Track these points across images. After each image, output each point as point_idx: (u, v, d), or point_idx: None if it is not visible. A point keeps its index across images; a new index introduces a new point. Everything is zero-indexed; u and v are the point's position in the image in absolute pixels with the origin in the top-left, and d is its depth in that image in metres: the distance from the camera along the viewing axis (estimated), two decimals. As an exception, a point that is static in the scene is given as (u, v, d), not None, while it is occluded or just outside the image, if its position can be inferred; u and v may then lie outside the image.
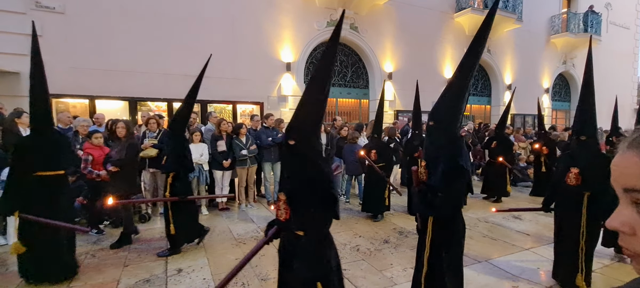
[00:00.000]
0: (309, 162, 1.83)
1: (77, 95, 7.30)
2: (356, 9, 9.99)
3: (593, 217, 2.89)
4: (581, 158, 2.93)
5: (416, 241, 4.30)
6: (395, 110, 11.00)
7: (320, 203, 1.81)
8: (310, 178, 1.82)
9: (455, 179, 2.20)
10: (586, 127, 2.94)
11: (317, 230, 1.86)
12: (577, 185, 2.90)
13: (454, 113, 2.27)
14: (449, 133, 2.26)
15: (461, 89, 2.25)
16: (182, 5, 8.03)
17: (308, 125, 1.84)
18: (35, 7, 6.76)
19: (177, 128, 3.96)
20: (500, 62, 13.30)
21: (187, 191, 3.99)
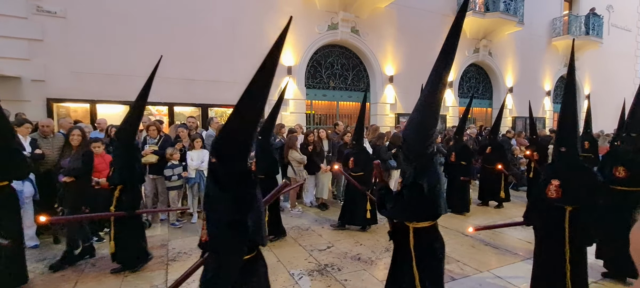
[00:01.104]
0: (224, 183, 1.68)
1: (77, 100, 7.30)
2: (357, 12, 9.97)
3: (578, 235, 2.68)
4: (562, 170, 2.76)
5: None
6: (396, 114, 10.98)
7: (228, 228, 1.65)
8: (220, 200, 1.69)
9: (414, 199, 2.17)
10: (566, 137, 2.76)
11: (231, 256, 1.69)
12: (558, 199, 2.72)
13: (422, 130, 2.21)
14: (416, 151, 2.22)
15: (429, 106, 2.17)
16: (182, 10, 8.02)
17: (231, 143, 1.69)
18: (37, 11, 6.75)
19: (124, 136, 3.60)
20: (502, 64, 13.26)
21: (135, 205, 3.62)
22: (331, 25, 9.81)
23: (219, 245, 1.69)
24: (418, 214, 2.25)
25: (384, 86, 10.71)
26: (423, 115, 2.18)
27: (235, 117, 1.67)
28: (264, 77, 1.67)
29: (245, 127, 1.70)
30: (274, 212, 4.69)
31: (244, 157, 1.75)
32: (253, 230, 1.68)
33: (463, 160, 6.08)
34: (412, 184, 2.16)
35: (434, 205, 2.22)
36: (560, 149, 2.75)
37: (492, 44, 12.80)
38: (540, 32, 14.13)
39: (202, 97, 8.21)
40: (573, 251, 2.67)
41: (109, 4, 7.33)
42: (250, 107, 1.67)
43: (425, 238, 2.27)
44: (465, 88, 12.82)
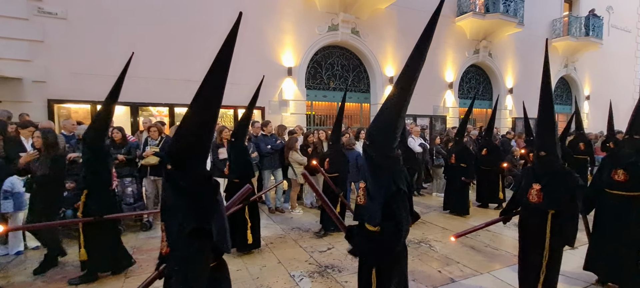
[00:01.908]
0: (183, 190, 1.61)
1: (78, 101, 7.31)
2: (357, 13, 9.99)
3: (556, 237, 2.64)
4: (542, 174, 2.70)
5: (418, 251, 4.32)
6: (396, 115, 10.99)
7: (192, 238, 1.55)
8: (180, 208, 1.60)
9: (398, 204, 2.05)
10: (545, 141, 2.68)
11: (197, 267, 1.59)
12: (540, 203, 2.67)
13: (390, 132, 2.11)
14: (384, 153, 2.11)
15: (398, 106, 2.10)
16: (182, 11, 8.04)
17: (187, 148, 1.61)
18: (38, 12, 6.77)
19: (91, 139, 3.32)
20: (502, 65, 13.28)
21: (104, 209, 3.33)
22: (331, 26, 9.83)
23: (183, 256, 1.57)
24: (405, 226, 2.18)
25: (384, 87, 10.72)
26: (394, 115, 2.09)
27: (190, 120, 1.59)
28: (217, 77, 1.61)
29: (200, 129, 1.62)
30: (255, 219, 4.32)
31: (202, 160, 1.67)
32: (217, 237, 1.60)
33: (463, 162, 6.08)
34: (398, 191, 2.06)
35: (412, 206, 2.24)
36: (540, 154, 2.70)
37: (492, 44, 12.82)
38: (540, 33, 14.15)
39: (203, 98, 8.22)
40: (551, 254, 2.66)
41: (109, 6, 7.35)
42: (205, 108, 1.60)
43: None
44: (465, 89, 12.84)
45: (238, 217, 4.08)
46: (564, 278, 3.57)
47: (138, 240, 4.71)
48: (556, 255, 2.68)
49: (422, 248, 4.46)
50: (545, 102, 2.68)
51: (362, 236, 2.22)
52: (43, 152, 3.69)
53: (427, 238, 4.86)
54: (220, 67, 1.62)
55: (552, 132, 2.67)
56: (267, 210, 6.24)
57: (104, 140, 3.46)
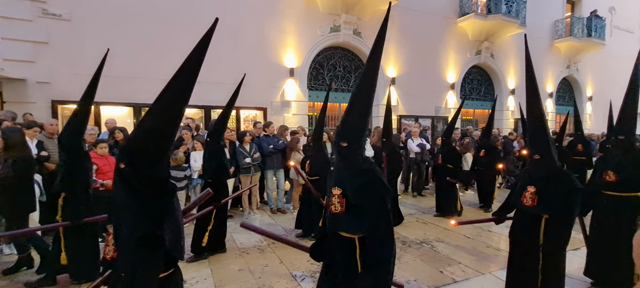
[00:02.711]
0: (136, 192, 1.52)
1: (82, 102, 7.35)
2: (359, 14, 10.01)
3: (550, 242, 2.57)
4: (537, 177, 2.63)
5: (420, 251, 4.32)
6: (398, 116, 10.99)
7: (142, 243, 1.45)
8: (131, 210, 1.51)
9: (387, 206, 1.99)
10: (539, 144, 2.60)
11: (145, 275, 1.48)
12: (534, 207, 2.59)
13: (362, 131, 2.07)
14: (360, 153, 2.06)
15: (366, 105, 2.06)
16: (184, 12, 8.08)
17: (146, 147, 1.52)
18: (42, 14, 6.83)
19: (68, 138, 3.13)
20: (504, 66, 13.27)
21: (80, 214, 3.20)
22: (333, 27, 9.86)
23: (132, 262, 1.48)
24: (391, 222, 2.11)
25: (386, 88, 10.70)
26: (365, 116, 2.06)
27: (151, 119, 1.50)
28: (186, 77, 1.56)
29: (162, 129, 1.53)
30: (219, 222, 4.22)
31: (159, 161, 1.57)
32: (170, 244, 1.50)
33: (450, 163, 6.00)
34: (388, 192, 2.02)
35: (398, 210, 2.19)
36: (534, 157, 2.63)
37: (494, 45, 12.81)
38: (542, 34, 14.13)
39: (206, 99, 8.25)
40: (546, 258, 2.57)
41: (113, 7, 7.40)
42: (168, 108, 1.52)
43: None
44: (467, 90, 12.82)
45: (202, 219, 4.00)
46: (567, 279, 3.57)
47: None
48: (553, 259, 2.60)
49: (423, 249, 4.46)
50: (533, 104, 2.62)
51: (338, 248, 2.07)
52: (2, 153, 3.51)
53: (428, 238, 4.86)
54: (190, 68, 1.56)
55: (544, 133, 2.58)
56: (268, 210, 6.26)
57: (80, 142, 3.29)
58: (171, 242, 1.51)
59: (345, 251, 2.05)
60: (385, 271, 1.99)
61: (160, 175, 1.57)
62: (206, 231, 4.04)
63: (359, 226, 1.99)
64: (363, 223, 1.97)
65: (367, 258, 1.99)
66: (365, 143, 2.11)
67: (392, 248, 1.99)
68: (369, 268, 1.98)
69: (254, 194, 6.11)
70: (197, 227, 4.13)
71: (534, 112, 2.62)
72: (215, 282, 3.49)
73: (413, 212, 6.38)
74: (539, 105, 2.60)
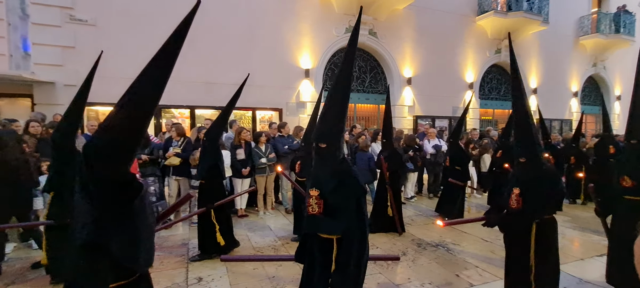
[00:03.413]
0: (91, 194, 1.41)
1: (105, 103, 7.64)
2: (375, 14, 9.96)
3: (543, 250, 2.51)
4: (522, 180, 2.60)
5: (436, 254, 4.26)
6: (414, 116, 10.86)
7: (83, 251, 1.35)
8: (82, 215, 1.39)
9: (364, 206, 2.03)
10: (524, 147, 2.55)
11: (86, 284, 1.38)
12: (518, 209, 2.56)
13: (341, 132, 2.09)
14: (339, 154, 2.06)
15: (343, 106, 2.08)
16: (202, 15, 8.23)
17: (109, 145, 1.38)
18: (70, 20, 7.16)
19: (58, 140, 3.10)
20: (525, 65, 12.86)
21: (66, 214, 3.07)
22: (349, 28, 9.84)
23: (74, 269, 1.40)
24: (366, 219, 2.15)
25: (402, 88, 10.62)
26: (342, 120, 2.07)
27: (116, 116, 1.36)
28: (159, 71, 1.43)
29: (130, 126, 1.39)
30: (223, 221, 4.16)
31: (121, 163, 1.41)
32: (121, 253, 1.37)
33: (458, 164, 5.83)
34: (364, 192, 2.08)
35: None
36: (520, 160, 2.58)
37: (515, 44, 12.44)
38: (566, 31, 13.62)
39: (223, 100, 8.34)
40: (538, 264, 2.52)
41: (134, 11, 7.67)
42: (140, 103, 1.39)
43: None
44: (486, 89, 12.52)
45: (205, 222, 4.03)
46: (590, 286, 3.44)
47: (159, 238, 4.87)
48: (548, 265, 2.56)
49: (439, 251, 4.39)
50: (518, 105, 2.55)
51: (320, 248, 2.09)
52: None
53: (444, 241, 4.77)
54: (165, 59, 1.43)
55: (529, 134, 2.53)
56: (283, 210, 6.31)
57: (72, 141, 3.24)
58: (122, 251, 1.37)
59: (323, 250, 2.08)
60: (355, 271, 1.99)
61: (119, 178, 1.40)
62: (215, 233, 4.02)
63: (336, 227, 2.00)
64: (340, 224, 1.98)
65: (338, 257, 2.01)
66: (343, 144, 2.10)
67: (363, 249, 1.98)
68: (338, 267, 2.00)
69: (268, 194, 6.18)
70: (203, 230, 4.10)
71: (518, 112, 2.56)
72: (230, 280, 3.55)
73: (428, 213, 6.28)
74: (524, 105, 2.53)
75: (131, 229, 1.41)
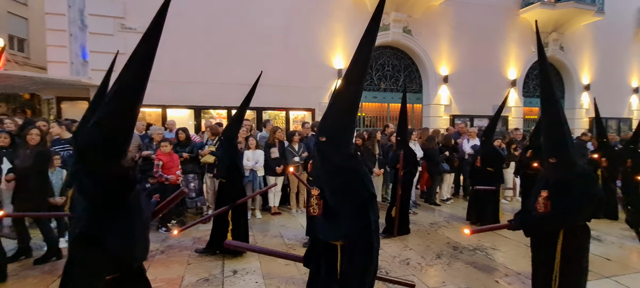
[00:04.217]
0: (84, 187, 1.45)
1: (151, 105, 8.22)
2: (410, 11, 9.74)
3: (569, 259, 2.27)
4: (551, 182, 2.36)
5: (473, 258, 4.08)
6: (451, 115, 10.46)
7: (74, 241, 1.41)
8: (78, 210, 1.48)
9: (370, 212, 1.75)
10: (555, 145, 2.30)
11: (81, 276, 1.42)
12: (546, 213, 2.32)
13: (344, 127, 1.82)
14: (344, 150, 1.82)
15: (354, 96, 1.83)
16: (238, 19, 8.56)
17: (93, 143, 1.38)
18: (121, 29, 7.78)
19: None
20: (576, 59, 11.89)
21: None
22: (382, 26, 9.70)
23: (71, 261, 1.44)
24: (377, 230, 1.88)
25: (437, 87, 10.28)
26: (351, 110, 1.84)
27: (107, 109, 1.38)
28: (138, 64, 1.42)
29: (118, 120, 1.39)
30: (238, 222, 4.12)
31: (113, 156, 1.40)
32: (116, 246, 1.39)
33: (490, 165, 5.32)
34: (370, 195, 1.79)
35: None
36: (549, 160, 2.32)
37: (564, 37, 11.56)
38: (625, 21, 12.40)
39: (257, 101, 8.63)
40: (563, 276, 2.30)
41: (177, 19, 8.12)
42: (119, 98, 1.38)
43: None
44: (531, 86, 11.74)
45: (220, 219, 4.03)
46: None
47: (198, 232, 5.13)
48: (570, 274, 2.31)
49: (477, 256, 4.20)
50: (548, 99, 2.30)
51: (324, 254, 1.91)
52: (33, 147, 3.86)
53: (483, 245, 4.55)
54: (144, 53, 1.42)
55: (560, 133, 2.28)
56: (316, 209, 6.37)
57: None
58: (117, 244, 1.39)
59: (327, 256, 1.89)
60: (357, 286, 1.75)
61: (112, 173, 1.40)
62: (227, 232, 4.04)
63: (335, 232, 1.81)
64: (339, 229, 1.78)
65: (341, 267, 1.80)
66: (349, 140, 1.87)
67: (367, 262, 1.73)
68: (341, 278, 1.80)
69: (301, 193, 6.27)
70: (215, 226, 4.17)
71: (548, 108, 2.31)
72: (263, 274, 3.66)
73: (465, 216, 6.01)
74: (555, 100, 2.28)
75: (126, 223, 1.43)
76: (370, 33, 1.84)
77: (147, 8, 7.87)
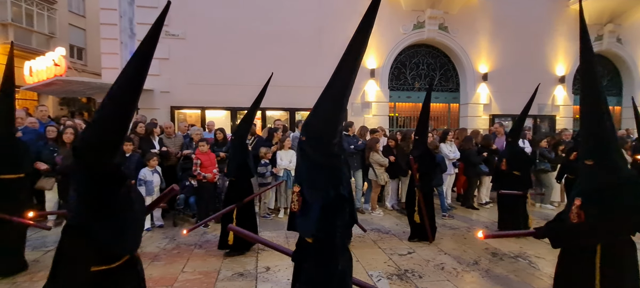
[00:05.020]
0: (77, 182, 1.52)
1: (192, 107, 8.69)
2: (446, 7, 9.40)
3: (610, 280, 1.92)
4: (588, 187, 2.06)
5: (514, 266, 3.86)
6: (490, 115, 9.96)
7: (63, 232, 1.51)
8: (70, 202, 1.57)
9: (336, 213, 1.73)
10: (594, 146, 2.03)
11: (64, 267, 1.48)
12: (580, 224, 2.03)
13: (331, 124, 1.80)
14: (325, 150, 1.79)
15: (340, 94, 1.78)
16: (272, 22, 8.77)
17: (87, 140, 1.49)
18: (165, 35, 8.30)
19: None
20: (636, 52, 10.80)
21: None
22: (417, 24, 9.48)
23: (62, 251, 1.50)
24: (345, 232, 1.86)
25: (476, 85, 9.83)
26: (335, 106, 1.80)
27: (103, 112, 1.45)
28: (134, 68, 1.47)
29: (111, 122, 1.45)
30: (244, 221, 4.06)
31: (106, 154, 1.46)
32: (107, 237, 1.45)
33: (517, 169, 4.91)
34: (337, 197, 1.76)
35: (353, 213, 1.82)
36: (586, 163, 2.02)
37: (622, 28, 10.53)
38: (698, 8, 11.02)
39: (290, 102, 8.86)
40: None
41: (218, 24, 8.54)
42: (115, 101, 1.44)
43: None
44: (582, 84, 10.83)
45: (226, 219, 4.03)
46: None
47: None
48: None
49: (519, 264, 3.96)
50: (588, 95, 2.02)
51: (299, 247, 1.95)
52: (70, 145, 4.13)
53: (525, 252, 4.28)
54: (139, 60, 1.47)
55: (601, 131, 2.00)
56: (347, 209, 6.36)
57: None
58: (106, 237, 1.46)
59: (307, 255, 1.88)
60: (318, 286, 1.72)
61: (107, 169, 1.48)
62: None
63: (307, 228, 1.81)
64: (311, 225, 1.78)
65: (304, 265, 1.79)
66: (330, 140, 1.83)
67: (330, 263, 1.70)
68: (302, 276, 1.80)
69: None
70: (223, 225, 4.18)
71: (592, 106, 2.03)
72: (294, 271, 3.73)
73: (507, 222, 5.69)
74: (597, 92, 2.00)
75: (116, 216, 1.49)
76: (360, 36, 1.80)
77: (189, 15, 8.37)
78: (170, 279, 3.54)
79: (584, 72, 2.09)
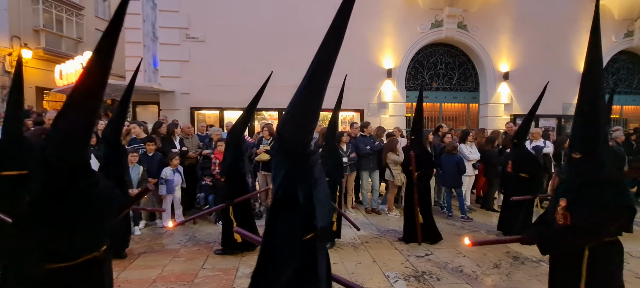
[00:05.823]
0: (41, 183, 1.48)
1: (211, 108, 8.89)
2: (465, 5, 9.21)
3: (597, 281, 1.88)
4: (572, 185, 1.99)
5: (537, 270, 3.75)
6: (512, 115, 9.68)
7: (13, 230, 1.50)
8: None
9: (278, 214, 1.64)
10: (583, 138, 1.98)
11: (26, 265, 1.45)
12: (566, 226, 1.94)
13: (303, 124, 1.67)
14: (296, 150, 1.65)
15: (312, 94, 1.66)
16: (289, 24, 8.84)
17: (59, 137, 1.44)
18: (186, 38, 8.54)
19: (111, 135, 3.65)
20: (671, 49, 10.24)
21: None
22: (435, 23, 9.34)
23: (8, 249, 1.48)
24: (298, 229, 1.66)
25: (496, 84, 9.59)
26: (308, 107, 1.68)
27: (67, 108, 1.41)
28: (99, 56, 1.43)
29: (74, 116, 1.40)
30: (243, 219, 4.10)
31: (71, 148, 1.43)
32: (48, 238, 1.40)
33: (524, 171, 4.71)
34: (284, 196, 1.62)
35: (309, 217, 1.59)
36: (573, 155, 1.97)
37: (655, 23, 10.02)
38: None
39: (306, 102, 8.89)
40: None
41: (236, 27, 8.70)
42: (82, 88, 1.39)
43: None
44: (611, 81, 10.37)
45: (224, 219, 4.09)
46: None
47: (252, 226, 5.43)
48: None
49: (542, 268, 3.83)
50: (587, 85, 1.98)
51: None
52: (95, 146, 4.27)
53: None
54: (103, 54, 1.42)
55: (595, 125, 1.94)
56: (363, 210, 6.34)
57: (119, 137, 3.78)
58: (48, 235, 1.41)
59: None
60: None
61: (72, 164, 1.44)
62: (231, 230, 3.95)
63: None
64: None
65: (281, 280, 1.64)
66: (303, 138, 1.69)
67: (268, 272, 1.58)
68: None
69: (349, 193, 6.29)
70: (224, 225, 4.23)
71: (590, 96, 1.99)
72: (312, 271, 3.75)
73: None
74: (597, 88, 1.96)
75: (63, 214, 1.42)
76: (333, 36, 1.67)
77: (209, 18, 8.57)
78: (191, 275, 3.64)
79: (588, 65, 2.07)
